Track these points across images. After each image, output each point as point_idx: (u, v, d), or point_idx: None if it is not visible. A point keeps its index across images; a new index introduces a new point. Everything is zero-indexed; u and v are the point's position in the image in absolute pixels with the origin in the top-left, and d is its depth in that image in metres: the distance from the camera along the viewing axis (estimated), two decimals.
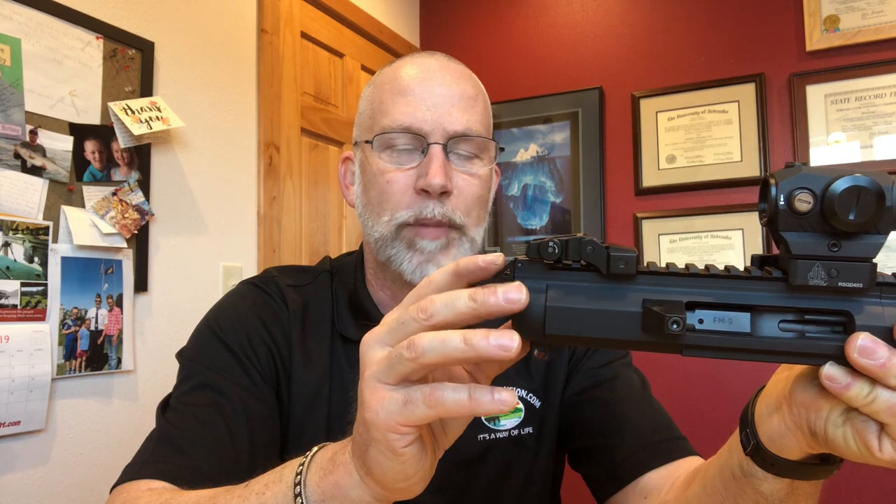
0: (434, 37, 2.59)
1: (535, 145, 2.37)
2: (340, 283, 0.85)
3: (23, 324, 1.16)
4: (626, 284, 0.42)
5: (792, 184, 0.40)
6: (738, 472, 0.51)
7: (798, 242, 0.40)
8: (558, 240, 0.43)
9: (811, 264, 0.40)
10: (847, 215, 0.38)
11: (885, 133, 1.93)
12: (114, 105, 1.33)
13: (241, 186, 1.70)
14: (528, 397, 0.81)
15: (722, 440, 0.56)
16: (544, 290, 0.43)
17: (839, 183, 0.39)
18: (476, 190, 0.77)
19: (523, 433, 0.80)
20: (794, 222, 0.40)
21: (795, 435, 0.45)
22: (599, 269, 0.42)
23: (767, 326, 0.42)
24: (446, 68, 0.79)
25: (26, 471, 1.17)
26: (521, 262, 0.44)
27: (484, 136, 0.78)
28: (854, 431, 0.41)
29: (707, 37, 2.17)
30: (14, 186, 1.16)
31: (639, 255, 0.43)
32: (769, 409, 0.47)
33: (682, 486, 0.66)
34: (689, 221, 2.14)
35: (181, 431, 0.69)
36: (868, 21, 1.96)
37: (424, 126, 0.75)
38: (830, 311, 0.41)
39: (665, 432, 0.77)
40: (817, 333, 0.41)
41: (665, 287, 0.42)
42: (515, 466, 0.80)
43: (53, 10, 1.24)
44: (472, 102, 0.78)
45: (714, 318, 0.42)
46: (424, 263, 0.74)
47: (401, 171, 0.75)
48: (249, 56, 1.75)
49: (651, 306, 0.41)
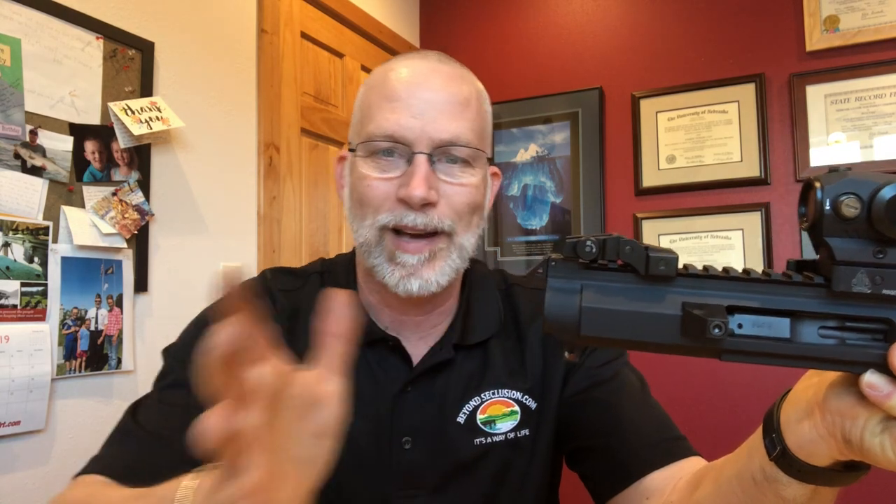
0: (434, 37, 2.59)
1: (535, 145, 2.37)
2: (332, 285, 0.84)
3: (23, 324, 1.16)
4: (664, 286, 0.42)
5: (838, 188, 0.39)
6: (759, 476, 0.51)
7: (842, 248, 0.40)
8: (596, 238, 0.42)
9: (855, 271, 0.40)
10: (895, 222, 0.38)
11: (885, 133, 1.93)
12: (114, 105, 1.33)
13: (241, 186, 1.70)
14: (523, 399, 0.81)
15: (721, 440, 0.55)
16: (579, 290, 0.42)
17: (888, 189, 0.38)
18: (465, 198, 0.74)
19: (520, 435, 0.80)
20: (838, 228, 0.39)
21: (828, 442, 0.44)
22: (637, 269, 0.41)
23: (807, 332, 0.41)
24: (436, 71, 0.76)
25: (26, 471, 1.17)
26: (554, 260, 0.43)
27: (473, 147, 0.74)
28: (893, 440, 0.40)
29: (707, 37, 2.17)
30: (14, 186, 1.16)
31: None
32: (798, 415, 0.47)
33: (686, 488, 0.66)
34: (689, 221, 2.14)
35: (140, 427, 0.70)
36: (868, 21, 1.96)
37: (409, 134, 0.72)
38: (873, 318, 0.40)
39: (666, 433, 0.77)
40: (858, 340, 0.41)
41: (704, 290, 0.42)
42: (512, 468, 0.80)
43: (53, 10, 1.24)
44: (463, 108, 0.75)
45: (753, 324, 0.41)
46: (407, 277, 0.72)
47: (383, 179, 0.73)
48: (249, 56, 1.75)
49: (692, 310, 0.40)
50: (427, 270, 0.73)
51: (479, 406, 0.79)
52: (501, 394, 0.80)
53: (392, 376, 0.78)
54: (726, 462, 0.58)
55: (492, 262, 2.39)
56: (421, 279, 0.72)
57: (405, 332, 0.80)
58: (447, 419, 0.78)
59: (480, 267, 0.90)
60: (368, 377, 0.77)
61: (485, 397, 0.79)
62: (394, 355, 0.79)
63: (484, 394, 0.79)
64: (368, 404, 0.76)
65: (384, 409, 0.77)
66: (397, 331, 0.80)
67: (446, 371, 0.79)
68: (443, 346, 0.80)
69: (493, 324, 0.83)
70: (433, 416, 0.77)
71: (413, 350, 0.80)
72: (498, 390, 0.80)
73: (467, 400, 0.79)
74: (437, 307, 0.81)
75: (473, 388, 0.79)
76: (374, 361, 0.78)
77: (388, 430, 0.76)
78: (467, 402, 0.79)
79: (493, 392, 0.80)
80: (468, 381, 0.80)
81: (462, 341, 0.80)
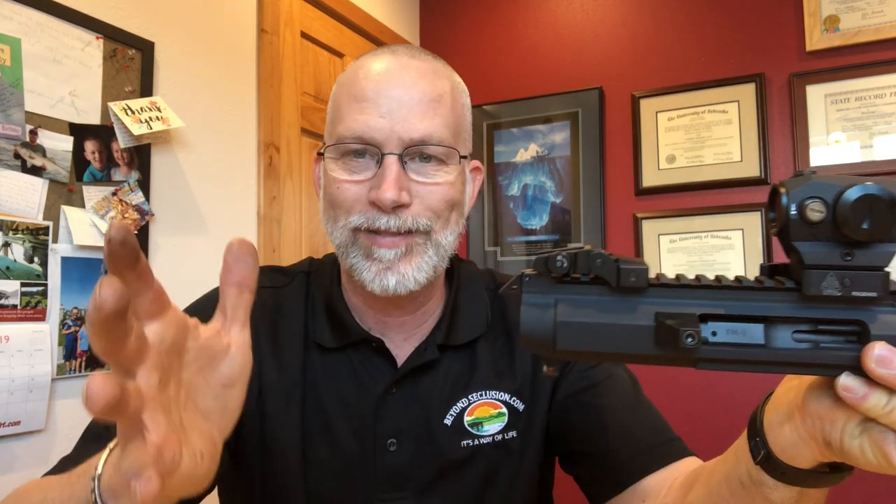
0: (434, 37, 2.59)
1: (535, 145, 2.37)
2: (317, 285, 0.83)
3: (23, 324, 1.16)
4: (636, 297, 0.42)
5: (803, 192, 0.39)
6: (746, 479, 0.51)
7: (810, 252, 0.40)
8: (567, 253, 0.42)
9: (824, 274, 0.40)
10: (860, 224, 0.38)
11: (885, 133, 1.93)
12: (114, 105, 1.33)
13: (241, 186, 1.70)
14: (511, 401, 0.80)
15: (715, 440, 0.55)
16: (553, 304, 0.42)
17: (851, 192, 0.38)
18: (440, 196, 0.72)
19: (507, 438, 0.79)
20: (805, 232, 0.39)
21: (809, 445, 0.44)
22: (609, 282, 0.41)
23: (781, 337, 0.41)
24: (407, 67, 0.73)
25: (26, 471, 1.17)
26: (528, 276, 0.43)
27: (445, 145, 0.72)
28: (871, 442, 0.40)
29: (707, 37, 2.17)
30: (14, 186, 1.16)
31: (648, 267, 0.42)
32: (780, 417, 0.47)
33: (681, 489, 0.65)
34: (689, 221, 2.14)
35: (109, 428, 0.70)
36: (868, 21, 1.96)
37: (378, 136, 0.70)
38: (844, 320, 0.40)
39: (660, 435, 0.77)
40: (832, 343, 0.41)
41: (676, 299, 0.42)
42: (500, 471, 0.79)
43: (53, 10, 1.24)
44: (435, 105, 0.72)
45: (727, 331, 0.41)
46: (384, 272, 0.71)
47: (354, 182, 0.71)
48: (249, 56, 1.75)
49: (664, 320, 0.40)
50: (404, 265, 0.71)
51: (467, 408, 0.78)
52: (489, 395, 0.79)
53: (376, 378, 0.77)
54: (716, 465, 0.58)
55: (492, 262, 2.39)
56: (398, 274, 0.71)
57: (389, 332, 0.79)
58: (433, 421, 0.77)
59: (469, 266, 0.89)
60: (352, 378, 0.77)
61: (472, 399, 0.78)
62: (378, 356, 0.78)
63: (471, 395, 0.79)
64: (352, 406, 0.76)
65: (368, 410, 0.76)
66: (381, 332, 0.79)
67: (432, 372, 0.78)
68: (427, 346, 0.79)
69: (481, 324, 0.82)
70: (419, 418, 0.77)
71: (397, 351, 0.79)
72: (485, 392, 0.79)
73: (454, 401, 0.78)
74: (420, 307, 0.80)
75: (461, 389, 0.79)
76: (358, 362, 0.78)
77: (371, 431, 0.76)
78: (454, 403, 0.78)
79: (480, 394, 0.79)
80: (455, 383, 0.79)
81: (447, 342, 0.79)
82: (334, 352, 0.77)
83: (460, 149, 0.75)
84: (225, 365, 0.41)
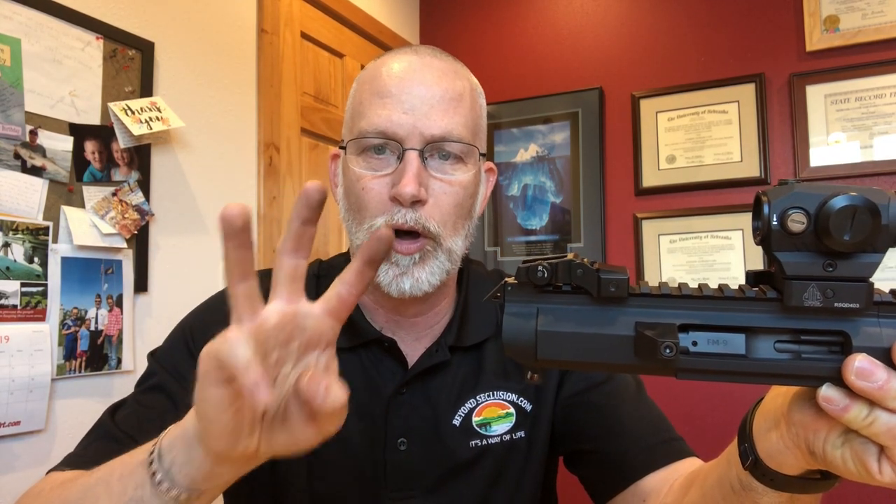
0: (434, 37, 2.59)
1: (535, 145, 2.37)
2: (329, 287, 0.83)
3: (23, 324, 1.16)
4: (618, 307, 0.42)
5: (785, 203, 0.39)
6: (737, 484, 0.51)
7: (792, 263, 0.39)
8: (548, 263, 0.42)
9: (806, 285, 0.39)
10: (842, 235, 0.37)
11: (885, 133, 1.93)
12: (114, 105, 1.33)
13: (241, 186, 1.70)
14: (518, 401, 0.80)
15: (718, 440, 0.56)
16: (535, 314, 0.42)
17: (834, 202, 0.37)
18: (454, 199, 0.73)
19: (515, 437, 0.80)
20: (787, 242, 0.39)
21: (794, 453, 0.44)
22: (591, 291, 0.41)
23: (763, 348, 0.41)
24: (429, 66, 0.74)
25: (26, 471, 1.17)
26: (510, 285, 0.43)
27: (465, 142, 0.73)
28: (853, 453, 0.40)
29: (707, 37, 2.17)
30: (14, 186, 1.16)
31: (629, 276, 0.42)
32: (767, 424, 0.47)
33: (680, 490, 0.66)
34: (689, 221, 2.14)
35: (116, 427, 0.70)
36: (868, 21, 1.96)
37: (400, 131, 0.71)
38: (827, 331, 0.40)
39: (662, 434, 0.77)
40: (814, 354, 0.40)
41: (658, 309, 0.41)
42: (507, 470, 0.79)
43: (53, 10, 1.24)
44: (456, 103, 0.73)
45: (708, 340, 0.41)
46: (400, 276, 0.72)
47: (376, 178, 0.72)
48: (249, 56, 1.75)
49: (644, 330, 0.40)
50: (418, 269, 0.72)
51: (475, 408, 0.79)
52: (497, 396, 0.80)
53: (387, 378, 0.78)
54: (711, 468, 0.58)
55: (492, 262, 2.39)
56: (412, 278, 0.72)
57: (400, 332, 0.80)
58: (442, 421, 0.78)
59: (478, 268, 0.90)
60: (363, 378, 0.77)
61: (480, 399, 0.79)
62: (389, 356, 0.78)
63: (479, 396, 0.79)
64: (363, 405, 0.76)
65: (379, 410, 0.76)
66: (393, 331, 0.80)
67: (442, 373, 0.79)
68: (439, 347, 0.79)
69: (490, 325, 0.83)
70: (428, 418, 0.77)
71: (409, 351, 0.80)
72: (493, 392, 0.80)
73: (463, 402, 0.79)
74: (432, 308, 0.81)
75: (469, 390, 0.79)
76: (369, 362, 0.78)
77: (382, 431, 0.76)
78: (463, 404, 0.79)
79: (488, 394, 0.80)
80: (463, 384, 0.79)
81: (458, 343, 0.80)
82: (346, 352, 0.78)
83: (479, 146, 0.77)
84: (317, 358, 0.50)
